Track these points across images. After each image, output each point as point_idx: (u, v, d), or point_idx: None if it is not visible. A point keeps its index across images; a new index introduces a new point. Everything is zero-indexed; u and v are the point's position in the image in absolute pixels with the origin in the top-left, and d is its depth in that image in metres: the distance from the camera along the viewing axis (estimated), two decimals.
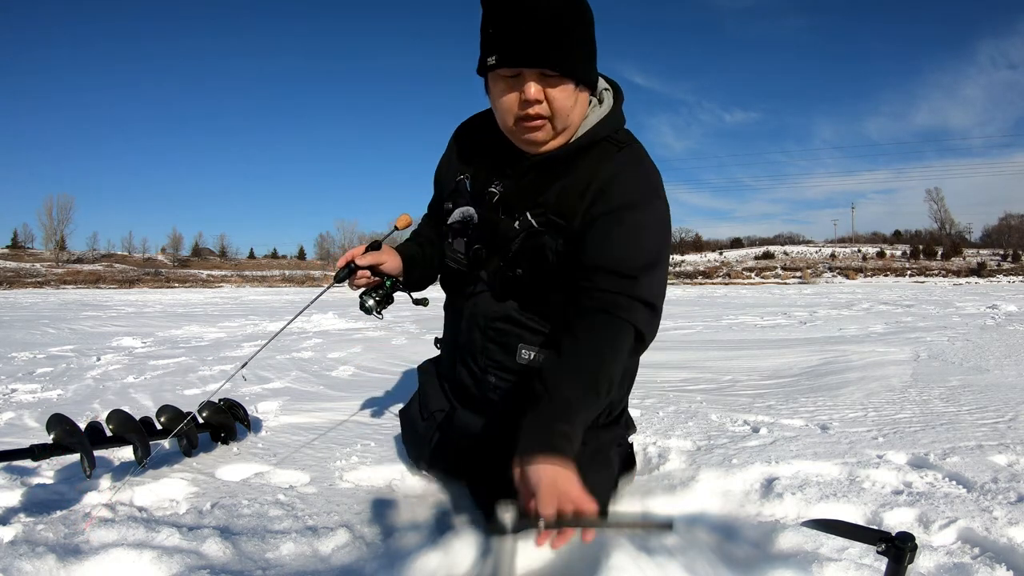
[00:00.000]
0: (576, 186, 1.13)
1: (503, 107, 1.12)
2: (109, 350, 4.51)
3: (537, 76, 1.06)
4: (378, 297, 1.35)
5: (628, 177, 1.12)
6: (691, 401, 2.42)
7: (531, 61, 1.04)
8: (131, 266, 55.61)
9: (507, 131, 1.16)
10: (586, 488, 1.18)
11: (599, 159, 1.14)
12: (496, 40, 1.06)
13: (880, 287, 22.37)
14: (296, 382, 3.10)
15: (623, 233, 1.09)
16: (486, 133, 1.25)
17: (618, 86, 1.24)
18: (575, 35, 1.07)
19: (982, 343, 4.17)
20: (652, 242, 1.11)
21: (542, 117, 1.09)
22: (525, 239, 1.15)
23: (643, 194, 1.12)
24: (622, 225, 1.09)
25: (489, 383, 1.28)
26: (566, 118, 1.11)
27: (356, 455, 1.79)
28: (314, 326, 6.68)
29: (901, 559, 0.82)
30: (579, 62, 1.09)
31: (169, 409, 1.73)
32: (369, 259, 1.28)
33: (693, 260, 52.56)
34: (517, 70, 1.07)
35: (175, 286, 41.05)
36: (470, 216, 1.26)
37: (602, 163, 1.14)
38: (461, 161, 1.30)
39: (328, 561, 1.16)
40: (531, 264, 1.15)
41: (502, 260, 1.19)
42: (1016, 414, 2.07)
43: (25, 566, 1.06)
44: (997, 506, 1.30)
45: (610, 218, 1.10)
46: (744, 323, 6.46)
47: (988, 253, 45.38)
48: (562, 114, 1.10)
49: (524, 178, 1.18)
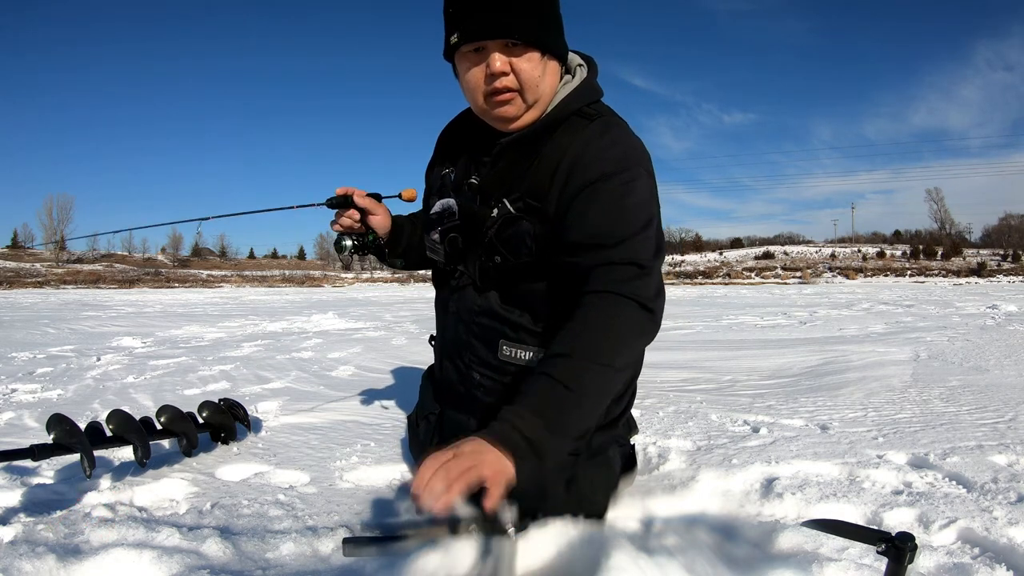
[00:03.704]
0: (547, 164, 1.09)
1: (471, 85, 1.09)
2: (109, 350, 4.51)
3: (501, 47, 1.05)
4: (357, 242, 1.32)
5: (599, 148, 1.07)
6: (691, 401, 2.42)
7: (492, 32, 1.03)
8: (131, 266, 55.59)
9: (479, 111, 1.14)
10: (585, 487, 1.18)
11: (570, 134, 1.10)
12: (457, 18, 1.05)
13: (880, 287, 22.36)
14: (296, 382, 3.10)
15: (601, 207, 1.04)
16: (465, 128, 1.24)
17: (592, 60, 1.20)
18: (539, 6, 1.06)
19: (982, 343, 4.17)
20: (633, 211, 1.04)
21: (511, 90, 1.07)
22: (502, 226, 1.11)
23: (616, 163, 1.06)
24: (598, 198, 1.04)
25: (474, 380, 1.26)
26: (535, 89, 1.08)
27: (356, 455, 1.79)
28: (314, 326, 6.68)
29: (901, 559, 0.82)
30: (542, 30, 1.06)
31: (169, 409, 1.73)
32: (367, 202, 1.28)
33: (693, 260, 52.51)
34: (480, 44, 1.05)
35: (175, 286, 41.03)
36: (449, 206, 1.23)
37: (573, 138, 1.09)
38: (445, 159, 1.29)
39: (328, 561, 1.16)
40: (509, 251, 1.12)
41: (481, 250, 1.15)
42: (1016, 414, 2.07)
43: (25, 566, 1.06)
44: (997, 506, 1.30)
45: (585, 193, 1.05)
46: (744, 323, 6.45)
47: (988, 253, 45.34)
48: (530, 85, 1.07)
49: (498, 162, 1.15)
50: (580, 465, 1.20)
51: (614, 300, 0.99)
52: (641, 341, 1.04)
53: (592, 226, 1.03)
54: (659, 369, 3.31)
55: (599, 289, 1.00)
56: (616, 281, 1.00)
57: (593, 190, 1.04)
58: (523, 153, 1.11)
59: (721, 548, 1.11)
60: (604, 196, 1.04)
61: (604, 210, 1.03)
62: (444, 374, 1.35)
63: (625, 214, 1.03)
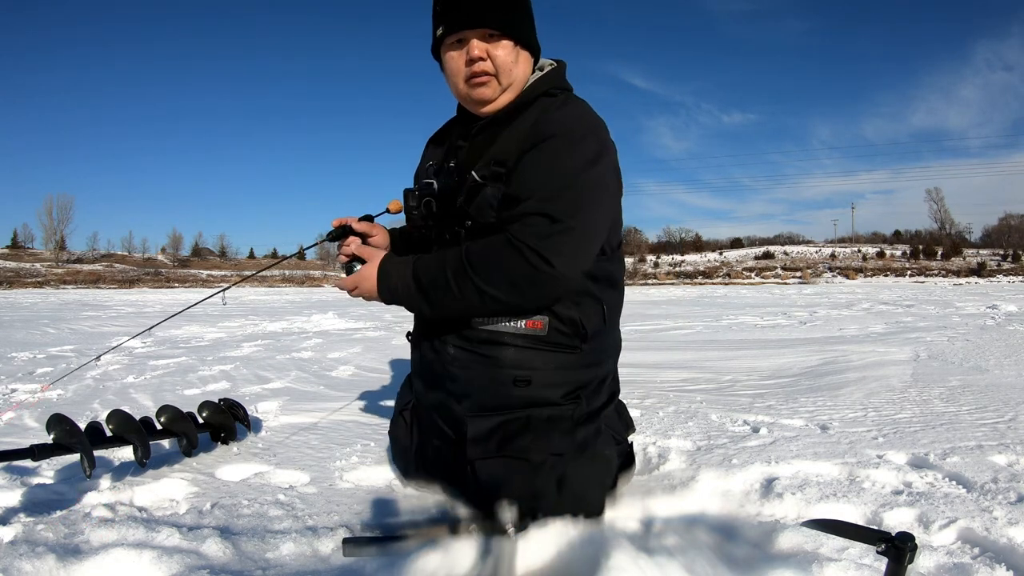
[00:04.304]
0: (516, 135, 1.20)
1: (454, 70, 1.24)
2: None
3: (480, 36, 1.20)
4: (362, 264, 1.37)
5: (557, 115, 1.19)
6: (691, 401, 2.42)
7: (472, 22, 1.19)
8: (131, 266, 55.58)
9: (461, 96, 1.28)
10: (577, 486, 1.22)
11: (538, 110, 1.23)
12: (442, 14, 1.22)
13: (880, 287, 22.37)
14: (296, 382, 3.10)
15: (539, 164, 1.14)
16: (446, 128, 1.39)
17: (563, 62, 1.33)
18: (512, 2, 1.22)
19: (982, 343, 4.17)
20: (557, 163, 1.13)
21: (488, 74, 1.21)
22: (468, 194, 1.20)
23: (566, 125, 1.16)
24: (541, 155, 1.14)
25: (449, 355, 1.27)
26: (509, 74, 1.22)
27: (356, 455, 1.79)
28: (314, 326, 6.68)
29: (901, 559, 0.82)
30: (515, 22, 1.21)
31: (169, 409, 1.73)
32: (364, 227, 1.36)
33: (693, 260, 52.53)
34: (462, 34, 1.21)
35: (175, 286, 41.03)
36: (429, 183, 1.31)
37: (540, 113, 1.22)
38: (430, 156, 1.40)
39: (328, 561, 1.16)
40: (476, 215, 1.20)
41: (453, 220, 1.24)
42: (1016, 414, 2.07)
43: (25, 566, 1.06)
44: (997, 506, 1.30)
45: (534, 151, 1.15)
46: (744, 323, 6.46)
47: (988, 253, 45.32)
48: (505, 69, 1.21)
49: (475, 139, 1.27)
50: (570, 463, 1.22)
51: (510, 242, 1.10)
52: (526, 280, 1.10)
53: (527, 178, 1.14)
54: (659, 369, 3.31)
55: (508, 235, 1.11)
56: (522, 230, 1.10)
57: (539, 148, 1.15)
58: (496, 130, 1.24)
59: (721, 548, 1.11)
60: (546, 153, 1.14)
61: (541, 167, 1.13)
62: (423, 356, 1.36)
63: (556, 171, 1.12)
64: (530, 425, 1.21)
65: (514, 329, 1.20)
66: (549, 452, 1.20)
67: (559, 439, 1.22)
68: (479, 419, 1.23)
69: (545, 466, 1.20)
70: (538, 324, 1.19)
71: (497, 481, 1.21)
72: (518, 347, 1.20)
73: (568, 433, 1.24)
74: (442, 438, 1.38)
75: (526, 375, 1.21)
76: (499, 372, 1.21)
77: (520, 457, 1.20)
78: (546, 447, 1.20)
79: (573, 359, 1.24)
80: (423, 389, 1.42)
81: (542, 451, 1.20)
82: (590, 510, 1.24)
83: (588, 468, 1.26)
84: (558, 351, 1.22)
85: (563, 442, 1.22)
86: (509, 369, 1.21)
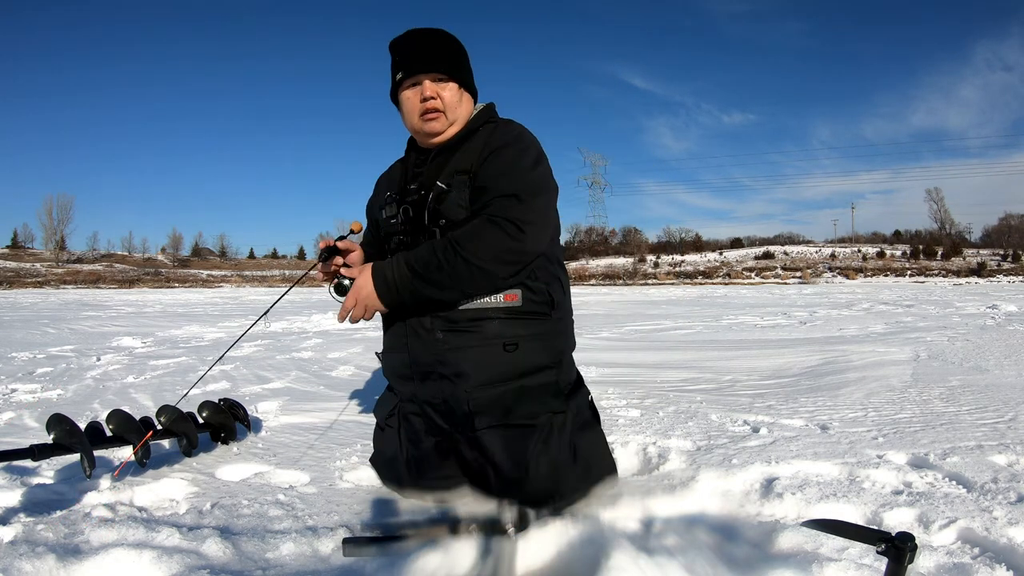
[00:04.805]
0: (471, 152, 1.47)
1: (409, 108, 1.50)
2: (109, 350, 4.51)
3: (431, 79, 1.47)
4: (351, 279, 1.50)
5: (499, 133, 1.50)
6: (691, 401, 2.42)
7: (425, 68, 1.47)
8: (131, 266, 55.60)
9: (415, 129, 1.53)
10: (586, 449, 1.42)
11: (485, 134, 1.51)
12: (401, 63, 1.50)
13: (880, 287, 22.38)
14: (296, 382, 3.10)
15: (499, 164, 1.41)
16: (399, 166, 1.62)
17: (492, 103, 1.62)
18: (455, 55, 1.52)
19: (982, 343, 4.17)
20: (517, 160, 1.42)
21: (438, 110, 1.47)
22: (437, 199, 1.42)
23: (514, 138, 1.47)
24: (499, 158, 1.42)
25: (438, 340, 1.40)
26: (455, 110, 1.49)
27: (356, 455, 1.79)
28: (314, 326, 6.68)
29: (901, 559, 0.82)
30: (460, 70, 1.51)
31: (169, 409, 1.73)
32: (347, 244, 1.52)
33: (693, 260, 52.50)
34: (417, 78, 1.48)
35: (175, 286, 41.04)
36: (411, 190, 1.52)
37: (484, 134, 1.50)
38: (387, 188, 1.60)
39: (328, 561, 1.16)
40: (448, 215, 1.41)
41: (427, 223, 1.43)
42: (1016, 414, 2.07)
43: (25, 566, 1.06)
44: (997, 506, 1.30)
45: (492, 156, 1.43)
46: (744, 323, 6.46)
47: (988, 253, 45.27)
48: (451, 106, 1.48)
49: (433, 162, 1.51)
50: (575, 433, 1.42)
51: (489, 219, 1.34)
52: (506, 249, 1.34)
53: (492, 174, 1.40)
54: (659, 369, 3.31)
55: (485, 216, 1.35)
56: (497, 208, 1.34)
57: (497, 153, 1.43)
58: (451, 152, 1.50)
59: (721, 548, 1.11)
60: (503, 156, 1.42)
61: (501, 166, 1.41)
62: (411, 353, 1.45)
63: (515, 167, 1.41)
64: (525, 392, 1.40)
65: (495, 303, 1.39)
66: (549, 411, 1.39)
67: (554, 400, 1.42)
68: (479, 391, 1.38)
69: (554, 429, 1.37)
70: (514, 296, 1.40)
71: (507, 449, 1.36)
72: (501, 319, 1.40)
73: (560, 395, 1.43)
74: (437, 433, 1.45)
75: (513, 340, 1.40)
76: (488, 342, 1.39)
77: (526, 424, 1.37)
78: (546, 407, 1.39)
79: (548, 326, 1.45)
80: (414, 386, 1.46)
81: (543, 412, 1.39)
82: (605, 470, 1.46)
83: (591, 435, 1.47)
84: (534, 319, 1.43)
85: (558, 402, 1.42)
86: (496, 339, 1.39)
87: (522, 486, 1.33)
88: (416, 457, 1.47)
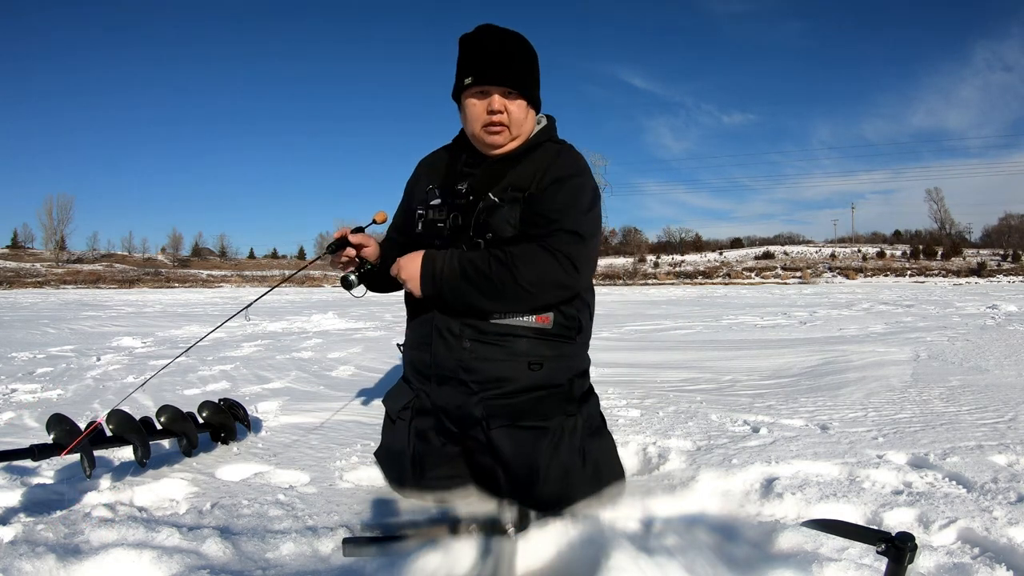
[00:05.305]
0: (529, 170, 1.46)
1: (474, 116, 1.45)
2: (109, 350, 4.51)
3: (501, 92, 1.43)
4: (359, 273, 1.52)
5: (564, 160, 1.48)
6: (691, 401, 2.42)
7: (499, 81, 1.43)
8: (131, 266, 55.56)
9: (475, 137, 1.49)
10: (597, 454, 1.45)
11: (544, 153, 1.50)
12: (471, 66, 1.44)
13: (880, 287, 22.38)
14: (296, 382, 3.10)
15: (563, 194, 1.42)
16: (445, 157, 1.60)
17: (553, 117, 1.62)
18: (528, 66, 1.48)
19: (982, 343, 4.17)
20: (580, 196, 1.43)
21: (503, 125, 1.44)
22: (488, 212, 1.42)
23: (575, 169, 1.47)
24: (562, 188, 1.42)
25: (465, 349, 1.41)
26: (519, 127, 1.47)
27: (356, 455, 1.79)
28: (314, 326, 6.68)
29: (901, 559, 0.82)
30: (530, 86, 1.48)
31: (169, 409, 1.73)
32: (360, 238, 1.51)
33: (693, 260, 52.48)
34: (486, 87, 1.43)
35: (175, 286, 41.04)
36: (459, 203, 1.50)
37: (547, 155, 1.50)
38: (428, 178, 1.58)
39: (328, 561, 1.16)
40: (494, 230, 1.41)
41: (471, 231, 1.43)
42: (1016, 414, 2.07)
43: (25, 566, 1.06)
44: (997, 506, 1.30)
45: (555, 184, 1.43)
46: (744, 323, 6.46)
47: (988, 253, 45.24)
48: (517, 123, 1.46)
49: (490, 169, 1.49)
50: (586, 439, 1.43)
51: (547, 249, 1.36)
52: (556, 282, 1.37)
53: (556, 206, 1.40)
54: (659, 369, 3.31)
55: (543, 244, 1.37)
56: (557, 241, 1.37)
57: (561, 183, 1.43)
58: (509, 165, 1.48)
59: (721, 548, 1.11)
60: (568, 188, 1.42)
61: (567, 199, 1.41)
62: (435, 357, 1.45)
63: (575, 201, 1.42)
64: (541, 402, 1.42)
65: (527, 323, 1.41)
66: (562, 413, 1.41)
67: (567, 404, 1.44)
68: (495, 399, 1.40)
69: (565, 433, 1.38)
70: (546, 319, 1.42)
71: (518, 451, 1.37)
72: (530, 339, 1.41)
73: (573, 400, 1.45)
74: (447, 435, 1.45)
75: (539, 360, 1.42)
76: (515, 358, 1.41)
77: (538, 426, 1.38)
78: (558, 410, 1.41)
79: (571, 348, 1.47)
80: (433, 388, 1.46)
81: (556, 414, 1.41)
82: (613, 476, 1.46)
83: (601, 441, 1.48)
84: (560, 341, 1.45)
85: (571, 406, 1.44)
86: (523, 356, 1.41)
87: (532, 490, 1.33)
88: (422, 454, 1.47)
